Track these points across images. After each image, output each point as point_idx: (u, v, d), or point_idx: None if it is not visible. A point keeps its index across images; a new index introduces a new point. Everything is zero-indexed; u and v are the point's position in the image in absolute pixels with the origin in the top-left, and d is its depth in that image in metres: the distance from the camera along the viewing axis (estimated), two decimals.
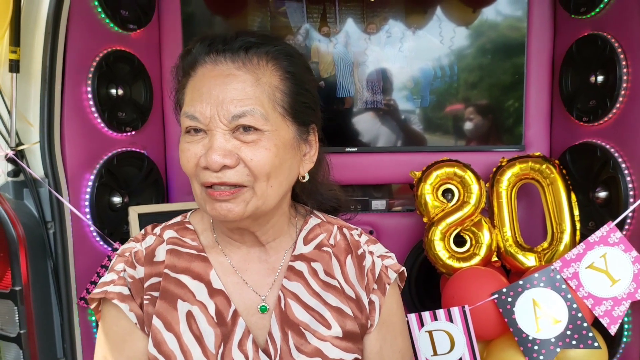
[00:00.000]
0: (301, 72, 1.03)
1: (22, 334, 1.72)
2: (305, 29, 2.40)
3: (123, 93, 2.11)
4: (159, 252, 1.06)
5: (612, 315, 1.75)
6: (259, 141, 0.95)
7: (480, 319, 1.81)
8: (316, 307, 1.07)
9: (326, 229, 1.15)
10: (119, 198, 2.09)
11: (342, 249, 1.14)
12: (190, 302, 1.03)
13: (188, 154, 0.98)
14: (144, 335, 1.03)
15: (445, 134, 2.42)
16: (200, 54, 0.99)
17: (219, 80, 0.95)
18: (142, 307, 1.03)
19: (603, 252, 1.76)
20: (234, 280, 1.06)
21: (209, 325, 1.01)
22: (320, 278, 1.09)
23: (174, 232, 1.09)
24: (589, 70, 2.04)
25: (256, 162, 0.94)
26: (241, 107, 0.93)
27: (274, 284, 1.08)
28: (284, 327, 1.04)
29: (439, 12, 2.35)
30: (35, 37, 1.76)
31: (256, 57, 0.98)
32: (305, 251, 1.11)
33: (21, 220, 1.72)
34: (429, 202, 2.11)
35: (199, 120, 0.95)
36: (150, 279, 1.04)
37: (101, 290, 1.03)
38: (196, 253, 1.07)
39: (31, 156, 1.79)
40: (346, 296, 1.09)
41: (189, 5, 2.37)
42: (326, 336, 1.05)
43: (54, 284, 1.81)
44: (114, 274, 1.05)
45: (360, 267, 1.13)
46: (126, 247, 1.09)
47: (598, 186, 2.00)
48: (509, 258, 2.05)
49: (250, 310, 1.05)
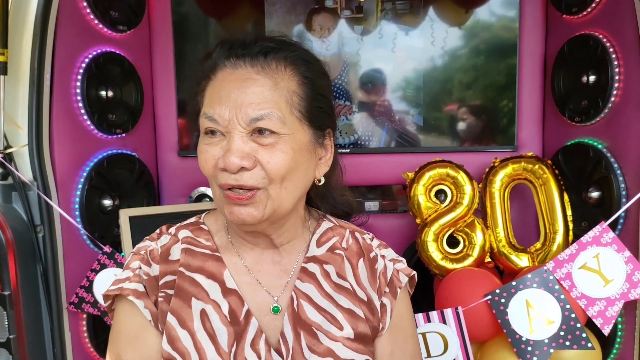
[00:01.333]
0: (318, 77, 1.05)
1: (12, 338, 1.71)
2: (298, 30, 2.39)
3: (113, 95, 2.10)
4: (174, 250, 1.08)
5: (605, 316, 1.74)
6: (276, 144, 0.97)
7: (473, 320, 1.80)
8: (328, 308, 1.07)
9: (338, 233, 1.16)
10: (110, 201, 2.07)
11: (354, 252, 1.15)
12: (204, 300, 1.04)
13: (206, 155, 0.99)
14: (157, 332, 1.04)
15: (438, 135, 2.41)
16: (220, 57, 1.01)
17: (238, 84, 0.97)
18: (156, 305, 1.04)
19: (596, 253, 1.76)
20: (247, 281, 1.08)
21: (222, 324, 1.02)
22: (333, 280, 1.10)
23: (189, 231, 1.11)
24: (581, 70, 2.04)
25: (273, 164, 0.96)
26: (259, 111, 0.95)
27: (287, 285, 1.09)
28: (297, 327, 1.05)
29: (432, 13, 2.34)
30: (23, 38, 1.75)
31: (275, 62, 0.99)
32: (318, 253, 1.12)
33: (10, 224, 1.71)
34: (421, 203, 2.10)
35: (217, 122, 0.97)
36: (165, 277, 1.05)
37: (116, 287, 1.06)
38: (210, 253, 1.09)
39: (20, 159, 1.78)
40: (358, 298, 1.10)
41: (181, 6, 2.36)
42: (338, 337, 1.05)
43: (43, 289, 1.80)
44: (130, 271, 1.07)
45: (372, 270, 1.14)
46: (141, 245, 1.10)
47: (591, 186, 2.00)
48: (502, 259, 2.04)
49: (263, 310, 1.06)
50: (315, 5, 2.36)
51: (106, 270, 1.89)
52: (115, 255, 1.89)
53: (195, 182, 2.38)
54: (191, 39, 2.39)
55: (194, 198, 2.39)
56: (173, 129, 2.40)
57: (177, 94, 2.39)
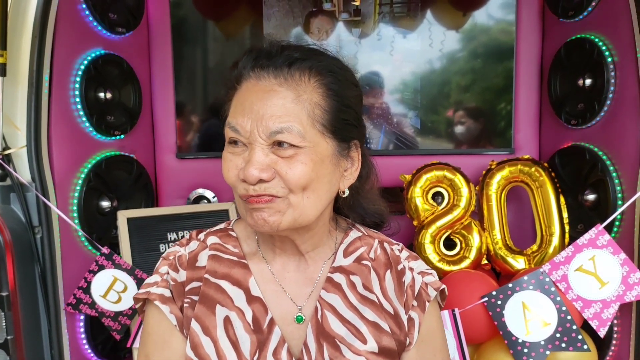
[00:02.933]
0: (344, 88, 1.04)
1: (10, 339, 1.71)
2: (296, 32, 2.40)
3: (112, 97, 2.10)
4: (201, 257, 1.09)
5: (601, 318, 1.75)
6: (296, 156, 0.97)
7: (470, 322, 1.80)
8: (353, 320, 1.06)
9: (367, 243, 1.15)
10: (108, 202, 2.08)
11: (381, 263, 1.13)
12: (228, 307, 1.05)
13: (230, 164, 1.00)
14: (182, 337, 1.05)
15: (435, 138, 2.42)
16: (246, 67, 1.01)
17: (261, 95, 0.97)
18: (182, 310, 1.06)
19: (592, 255, 1.76)
20: (273, 288, 1.08)
21: (245, 332, 1.03)
22: (359, 291, 1.09)
23: (217, 238, 1.12)
24: (577, 74, 2.05)
25: (291, 175, 0.96)
26: (279, 124, 0.95)
27: (312, 294, 1.08)
28: (320, 339, 1.04)
29: (429, 16, 2.35)
30: (22, 40, 1.75)
31: (298, 73, 0.99)
32: (345, 264, 1.11)
33: (8, 225, 1.71)
34: (419, 206, 2.11)
35: (239, 133, 0.98)
36: (191, 283, 1.07)
37: (145, 290, 1.08)
38: (237, 260, 1.09)
39: (18, 160, 1.78)
40: (384, 311, 1.08)
41: (179, 8, 2.37)
42: (361, 351, 1.03)
43: (41, 290, 1.80)
44: (158, 276, 1.09)
45: (400, 282, 1.12)
46: (171, 250, 1.12)
47: (587, 189, 2.00)
48: (499, 261, 2.05)
49: (287, 319, 1.06)
50: (313, 8, 2.37)
51: (104, 271, 1.89)
52: (113, 257, 1.90)
53: (193, 184, 2.38)
54: (189, 42, 2.40)
55: (192, 200, 2.40)
56: (171, 130, 2.40)
57: (176, 96, 2.39)
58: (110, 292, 1.89)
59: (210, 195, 2.39)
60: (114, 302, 1.90)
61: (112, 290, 1.90)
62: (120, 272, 1.90)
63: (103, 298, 1.89)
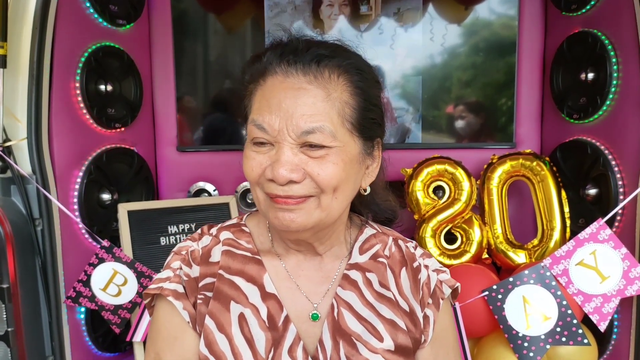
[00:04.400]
0: (370, 86, 1.01)
1: (10, 331, 1.71)
2: (297, 26, 2.39)
3: (112, 89, 2.10)
4: (214, 252, 1.07)
5: (601, 312, 1.75)
6: (327, 156, 0.94)
7: (470, 316, 1.81)
8: (369, 318, 1.05)
9: (381, 240, 1.14)
10: (109, 195, 2.08)
11: (397, 260, 1.12)
12: (243, 304, 1.03)
13: (253, 162, 0.96)
14: (195, 334, 1.03)
15: (436, 132, 2.42)
16: (271, 63, 0.97)
17: (290, 93, 0.93)
18: (195, 306, 1.03)
19: (593, 249, 1.76)
20: (287, 285, 1.06)
21: (260, 329, 1.01)
22: (375, 289, 1.08)
23: (230, 233, 1.10)
24: (580, 68, 2.05)
25: (324, 176, 0.94)
26: (311, 123, 0.92)
27: (328, 292, 1.07)
28: (336, 336, 1.02)
29: (431, 10, 2.34)
30: (22, 32, 1.74)
31: (327, 71, 0.96)
32: (361, 261, 1.10)
33: (9, 217, 1.71)
34: (420, 199, 2.11)
35: (266, 132, 0.94)
36: (204, 279, 1.04)
37: (157, 286, 1.04)
38: (250, 256, 1.07)
39: (19, 152, 1.78)
40: (400, 309, 1.07)
41: (180, 1, 2.36)
42: (378, 349, 1.02)
43: (42, 282, 1.80)
44: (170, 271, 1.06)
45: (416, 280, 1.11)
46: (183, 245, 1.09)
47: (588, 183, 2.00)
48: (500, 255, 2.05)
49: (302, 317, 1.04)
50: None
51: (104, 264, 1.89)
52: (113, 250, 1.90)
53: (193, 177, 2.38)
54: (190, 34, 2.39)
55: (192, 193, 2.39)
56: (172, 123, 2.40)
57: (176, 89, 2.39)
58: (110, 286, 1.89)
59: (210, 189, 2.39)
60: (113, 296, 1.90)
61: (112, 283, 1.89)
62: (121, 265, 1.90)
63: (103, 291, 1.89)
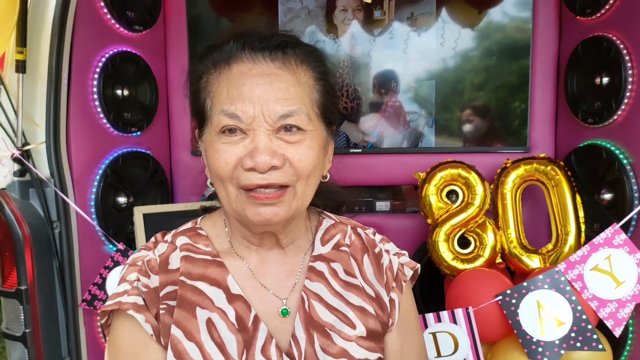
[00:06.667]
0: (329, 73, 1.04)
1: (28, 333, 1.74)
2: (310, 30, 2.40)
3: (129, 94, 2.12)
4: (172, 259, 1.03)
5: (616, 318, 1.74)
6: (303, 141, 0.95)
7: (484, 320, 1.80)
8: (339, 307, 1.05)
9: (340, 229, 1.15)
10: (124, 198, 2.10)
11: (358, 248, 1.13)
12: (209, 309, 1.00)
13: (226, 155, 0.94)
14: (159, 347, 0.99)
15: (449, 136, 2.42)
16: (235, 50, 0.96)
17: (261, 80, 0.93)
18: (157, 318, 0.99)
19: (608, 254, 1.75)
20: (252, 284, 1.04)
21: (230, 332, 0.98)
22: (341, 278, 1.08)
23: (187, 238, 1.06)
24: (595, 72, 2.04)
25: (303, 161, 0.94)
26: (288, 107, 0.93)
27: (295, 286, 1.06)
28: (309, 329, 1.02)
29: (444, 14, 2.35)
30: (41, 37, 1.77)
31: (293, 57, 0.97)
32: (324, 252, 1.10)
33: (27, 219, 1.74)
34: (433, 204, 2.10)
35: (240, 119, 0.92)
36: (165, 288, 1.00)
37: (114, 301, 0.99)
38: (211, 259, 1.04)
39: (37, 156, 1.81)
40: (367, 295, 1.09)
41: (195, 6, 2.38)
42: (351, 336, 1.03)
43: (59, 284, 1.82)
44: (127, 284, 1.00)
45: (379, 265, 1.13)
46: (137, 256, 1.04)
47: (603, 188, 1.99)
48: (514, 260, 2.04)
49: (271, 314, 1.03)
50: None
51: (119, 267, 1.91)
52: (128, 253, 1.92)
53: None
54: (205, 39, 2.41)
55: (206, 196, 2.41)
56: (187, 128, 2.42)
57: None
58: None
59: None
60: None
61: None
62: None
63: None
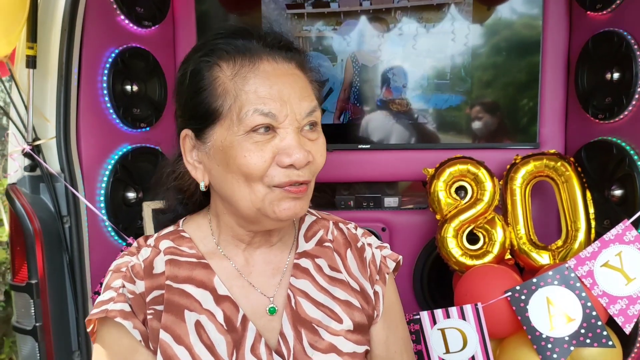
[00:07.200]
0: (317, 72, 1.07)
1: (38, 326, 1.75)
2: (318, 27, 2.40)
3: (138, 89, 2.13)
4: (157, 263, 1.02)
5: (627, 314, 1.73)
6: (320, 137, 1.00)
7: (493, 316, 1.80)
8: (326, 302, 1.07)
9: (323, 225, 1.16)
10: (134, 193, 2.11)
11: (340, 243, 1.15)
12: (197, 311, 1.00)
13: (262, 153, 0.93)
14: (148, 352, 0.98)
15: (458, 132, 2.41)
16: (256, 49, 0.96)
17: (286, 79, 0.96)
18: (145, 323, 0.98)
19: (618, 251, 1.74)
20: (239, 284, 1.04)
21: (219, 333, 0.99)
22: (326, 273, 1.10)
23: (170, 241, 1.05)
24: (605, 67, 2.02)
25: (322, 157, 0.99)
26: (311, 103, 0.97)
27: (280, 283, 1.07)
28: (297, 326, 1.03)
29: (453, 10, 2.34)
30: (52, 33, 1.78)
31: (301, 59, 1.01)
32: (308, 248, 1.12)
33: (38, 214, 1.75)
34: (442, 199, 2.10)
35: (276, 118, 0.93)
36: (152, 293, 1.00)
37: (100, 309, 0.97)
38: (196, 261, 1.04)
39: (47, 151, 1.82)
40: (352, 289, 1.11)
41: (203, 2, 2.39)
42: (339, 331, 1.05)
43: (69, 278, 1.83)
44: (112, 291, 0.99)
45: (362, 259, 1.15)
46: (121, 262, 1.03)
47: (614, 184, 1.98)
48: (523, 256, 2.03)
49: (259, 313, 1.03)
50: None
51: None
52: None
53: None
54: None
55: None
56: None
57: None
58: None
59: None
60: None
61: None
62: None
63: None
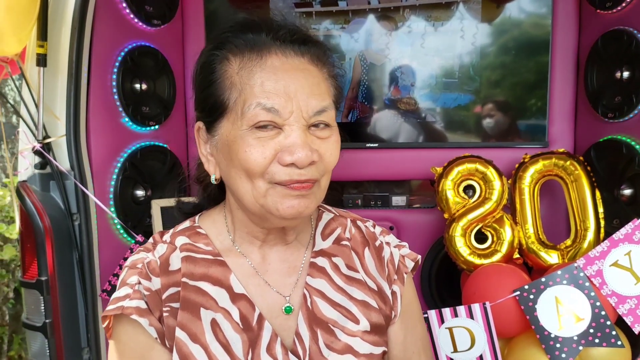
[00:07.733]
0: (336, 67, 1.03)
1: (48, 323, 1.76)
2: (326, 25, 2.40)
3: (147, 88, 2.14)
4: (173, 260, 1.01)
5: (636, 314, 1.72)
6: (332, 136, 0.96)
7: (501, 315, 1.79)
8: (342, 302, 1.05)
9: (340, 223, 1.14)
10: (142, 191, 2.12)
11: (358, 241, 1.13)
12: (213, 309, 0.98)
13: (262, 149, 0.90)
14: (164, 349, 0.97)
15: (466, 130, 2.40)
16: (266, 41, 0.94)
17: (296, 74, 0.92)
18: (161, 320, 0.97)
19: (628, 250, 1.73)
20: (255, 282, 1.03)
21: (235, 332, 0.98)
22: (343, 272, 1.08)
23: (186, 238, 1.04)
24: (615, 66, 2.01)
25: (333, 156, 0.95)
26: (322, 102, 0.93)
27: (297, 283, 1.05)
28: (313, 326, 1.01)
29: (462, 9, 2.33)
30: (62, 31, 1.79)
31: (317, 53, 0.97)
32: (325, 246, 1.10)
33: (48, 211, 1.76)
34: (450, 198, 2.09)
35: (279, 114, 0.90)
36: (168, 290, 0.99)
37: (116, 306, 0.96)
38: (212, 258, 1.02)
39: (57, 149, 1.83)
40: (369, 289, 1.08)
41: (212, 1, 2.39)
42: (355, 331, 1.03)
43: (79, 275, 1.84)
44: (128, 287, 0.98)
45: (380, 258, 1.13)
46: (137, 258, 1.02)
47: (623, 183, 1.97)
48: (531, 255, 2.03)
49: (275, 312, 1.02)
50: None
51: None
52: None
53: None
54: None
55: None
56: None
57: None
58: None
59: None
60: None
61: None
62: None
63: None
